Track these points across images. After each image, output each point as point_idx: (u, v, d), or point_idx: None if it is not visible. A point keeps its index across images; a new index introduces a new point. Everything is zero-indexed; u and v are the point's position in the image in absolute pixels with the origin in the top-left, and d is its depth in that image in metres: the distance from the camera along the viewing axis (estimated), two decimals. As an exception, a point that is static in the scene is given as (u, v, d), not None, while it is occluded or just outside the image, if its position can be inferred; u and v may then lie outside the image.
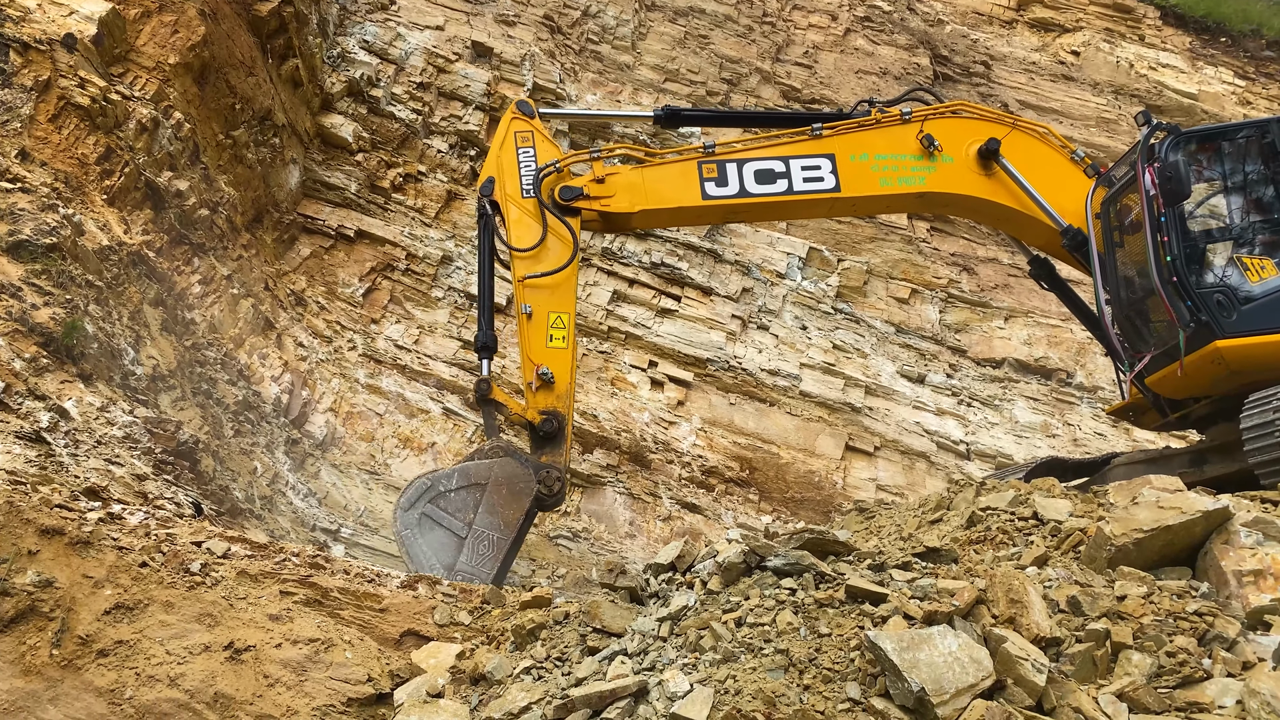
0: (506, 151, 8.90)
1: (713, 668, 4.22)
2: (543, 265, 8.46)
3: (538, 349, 8.30)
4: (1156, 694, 4.05)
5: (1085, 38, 19.01)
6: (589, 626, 4.97)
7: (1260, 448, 6.81)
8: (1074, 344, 14.78)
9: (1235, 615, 4.77)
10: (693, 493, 12.32)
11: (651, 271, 13.77)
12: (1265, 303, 7.48)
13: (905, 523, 7.40)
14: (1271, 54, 20.50)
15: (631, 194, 8.73)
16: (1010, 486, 6.69)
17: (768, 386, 13.49)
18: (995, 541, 5.86)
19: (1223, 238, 7.98)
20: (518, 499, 7.89)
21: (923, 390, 14.27)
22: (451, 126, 13.69)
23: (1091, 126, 17.33)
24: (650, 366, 13.21)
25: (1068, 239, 8.77)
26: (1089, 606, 4.61)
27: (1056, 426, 14.20)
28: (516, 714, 4.43)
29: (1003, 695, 3.94)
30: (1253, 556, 5.01)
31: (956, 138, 8.99)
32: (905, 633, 4.02)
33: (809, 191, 8.80)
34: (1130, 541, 5.22)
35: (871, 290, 15.06)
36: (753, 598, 4.67)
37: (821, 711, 3.87)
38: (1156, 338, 8.17)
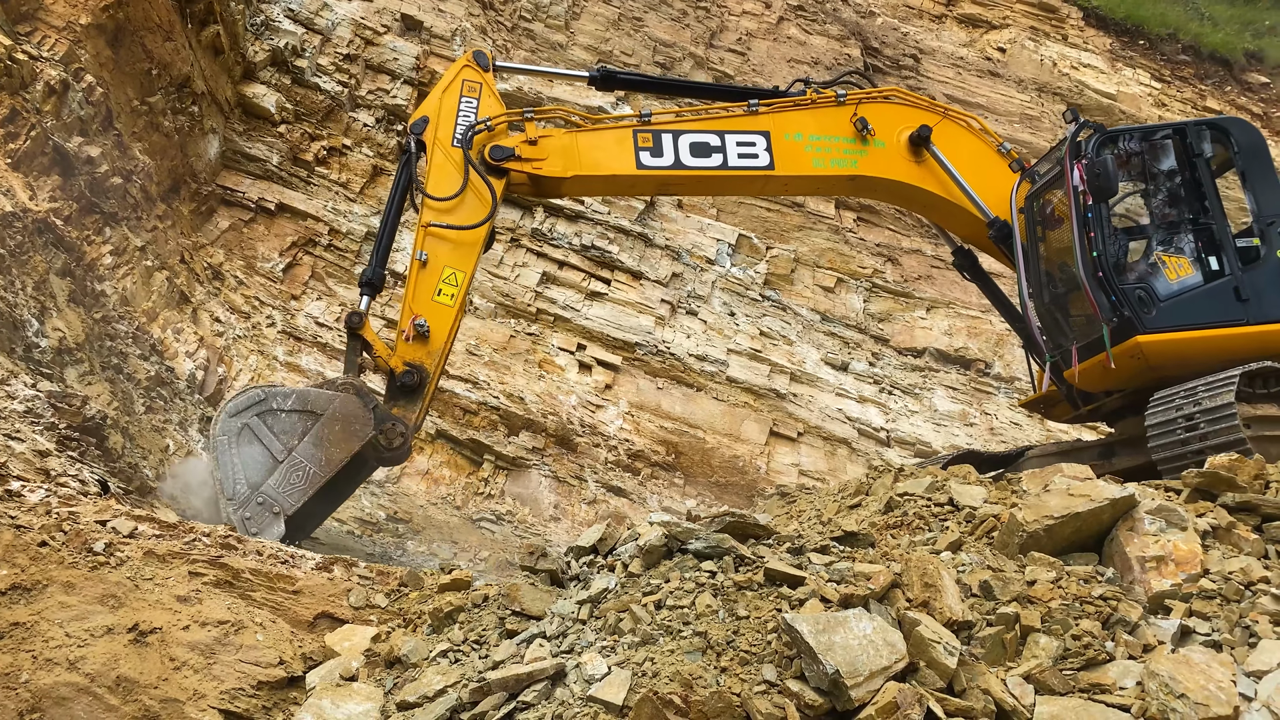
0: (449, 96, 8.62)
1: (631, 650, 4.22)
2: (455, 218, 8.19)
3: (422, 299, 8.00)
4: (1061, 676, 4.15)
5: (1011, 35, 19.40)
6: (508, 609, 4.92)
7: (1163, 444, 7.07)
8: (993, 335, 15.14)
9: (1138, 600, 4.92)
10: (618, 476, 12.32)
11: (581, 254, 13.69)
12: (1182, 300, 7.73)
13: (825, 507, 7.50)
14: (1187, 58, 21.19)
15: (564, 158, 8.58)
16: (928, 473, 6.82)
17: (695, 372, 13.54)
18: (912, 527, 5.96)
19: (1144, 235, 8.23)
20: (348, 440, 7.47)
21: (846, 378, 14.48)
22: (379, 100, 13.41)
23: (1015, 122, 17.72)
24: (579, 350, 13.15)
25: (994, 230, 8.92)
26: (1000, 591, 4.72)
27: (974, 415, 14.53)
28: (431, 697, 4.37)
29: (915, 677, 4.01)
30: (1155, 543, 5.17)
31: (889, 123, 9.07)
32: (821, 615, 4.06)
33: (743, 168, 8.78)
34: (1041, 528, 5.34)
35: (798, 278, 15.21)
36: (673, 580, 4.67)
37: (738, 693, 3.89)
38: (1077, 331, 8.38)
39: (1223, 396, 6.77)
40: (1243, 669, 4.28)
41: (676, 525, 4.99)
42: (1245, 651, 4.43)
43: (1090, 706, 3.95)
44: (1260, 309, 7.60)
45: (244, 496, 7.24)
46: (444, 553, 9.71)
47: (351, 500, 10.58)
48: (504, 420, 11.88)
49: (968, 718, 3.88)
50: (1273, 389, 7.22)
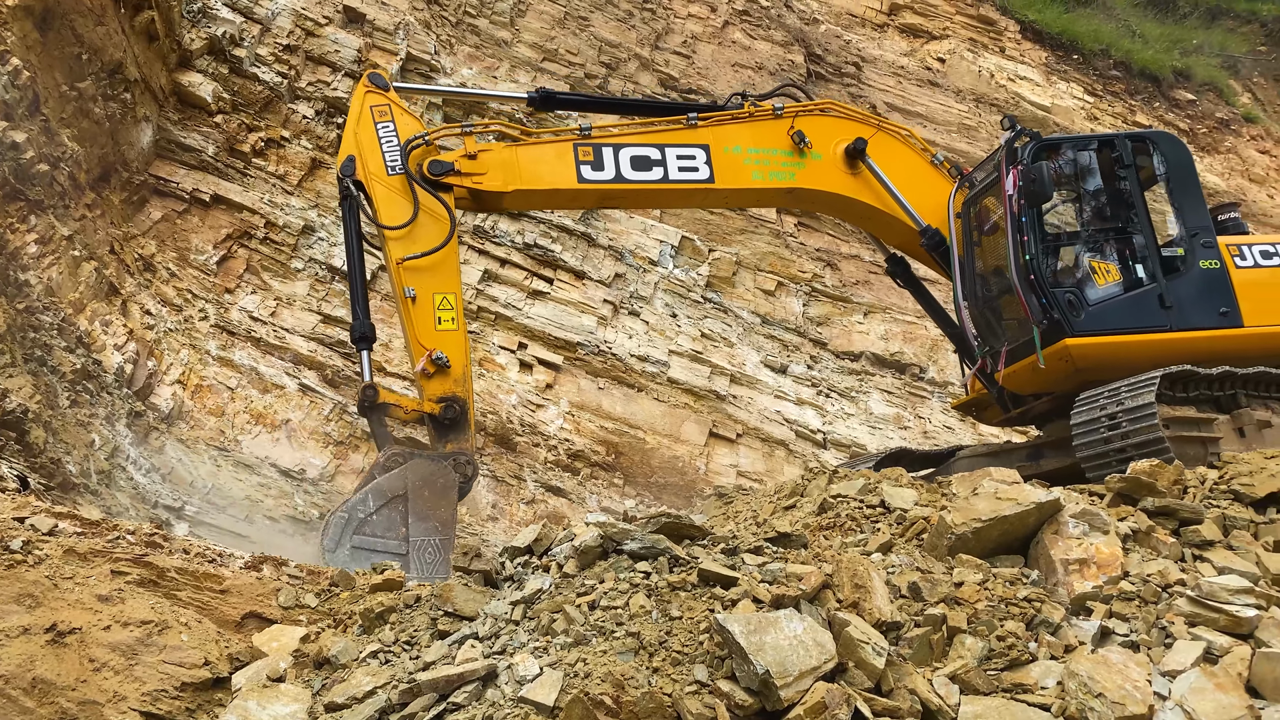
0: (365, 127, 8.44)
1: (564, 651, 4.21)
2: (420, 245, 8.05)
3: (426, 333, 7.89)
4: (986, 676, 4.25)
5: (951, 46, 19.76)
6: (440, 610, 4.88)
7: (1087, 444, 7.27)
8: (927, 340, 15.41)
9: (1061, 601, 5.04)
10: (558, 476, 12.29)
11: (524, 252, 13.63)
12: (1109, 305, 7.97)
13: (761, 508, 7.58)
14: (1118, 74, 21.78)
15: (505, 172, 8.52)
16: (861, 475, 6.92)
17: (636, 372, 13.56)
18: (844, 528, 6.05)
19: (1074, 241, 8.46)
20: (445, 494, 7.50)
21: (784, 380, 14.62)
22: (319, 92, 13.20)
23: (953, 132, 18.05)
24: (520, 348, 13.09)
25: (926, 239, 9.09)
26: (928, 592, 4.80)
27: (908, 418, 14.77)
28: (360, 698, 4.31)
29: (844, 677, 4.06)
30: (1079, 546, 5.30)
31: (825, 135, 9.18)
32: (753, 616, 4.09)
33: (684, 181, 8.82)
34: (969, 530, 5.45)
35: (740, 281, 15.31)
36: (608, 581, 4.67)
37: (669, 694, 3.90)
38: (1008, 334, 8.58)
39: (1144, 396, 6.98)
40: (1158, 668, 4.41)
41: (612, 526, 4.99)
42: (1161, 652, 4.57)
43: (1012, 706, 4.04)
44: (1182, 316, 7.86)
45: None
46: (379, 552, 9.58)
47: (285, 499, 10.42)
48: (442, 419, 11.77)
49: (894, 717, 3.94)
50: (1191, 393, 7.49)
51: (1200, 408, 7.42)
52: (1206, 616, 4.73)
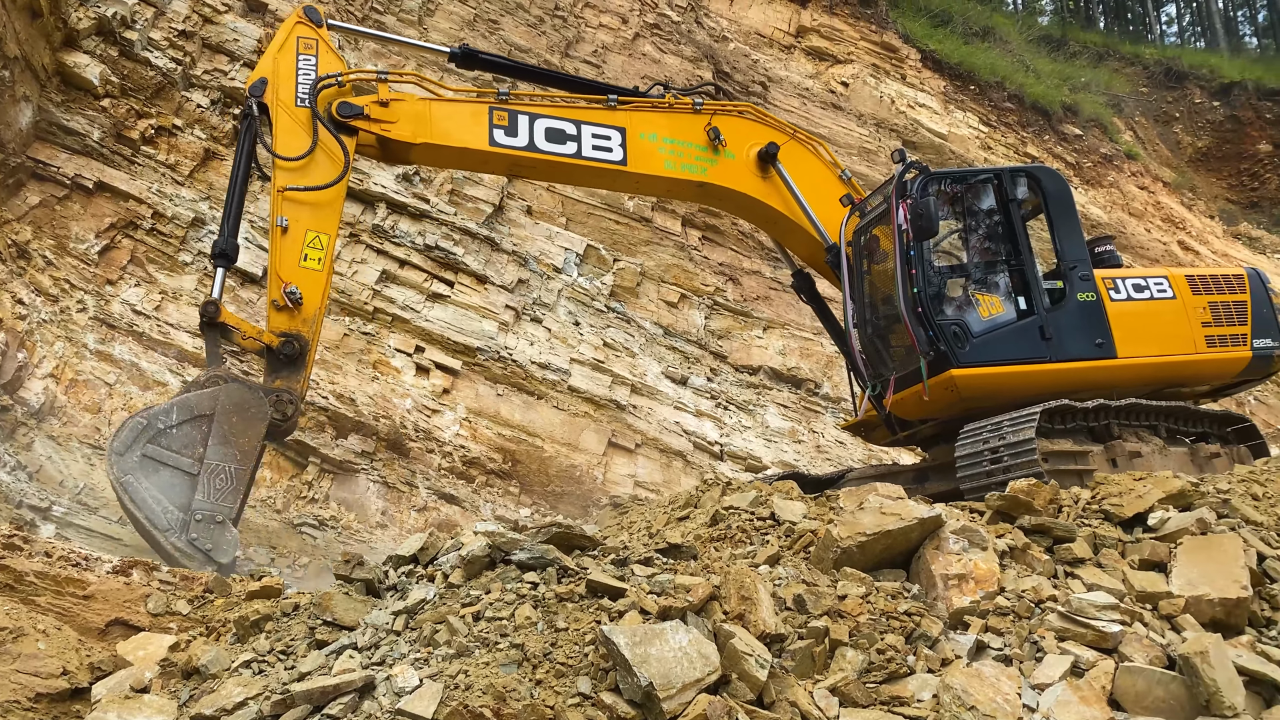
0: (286, 54, 8.31)
1: (445, 662, 4.12)
2: (309, 179, 7.95)
3: (289, 266, 7.77)
4: (865, 688, 4.31)
5: (855, 71, 20.25)
6: (319, 619, 4.73)
7: (970, 474, 7.50)
8: (824, 357, 15.71)
9: (939, 615, 5.16)
10: (452, 483, 12.10)
11: (425, 254, 13.40)
12: (993, 336, 8.21)
13: (655, 519, 7.58)
14: (1011, 106, 22.66)
15: (416, 124, 8.39)
16: (753, 487, 6.98)
17: (537, 379, 13.46)
18: (735, 540, 6.09)
19: (960, 273, 8.70)
20: (252, 425, 7.26)
21: (684, 392, 14.71)
22: (215, 81, 12.77)
23: (854, 154, 18.48)
24: (417, 352, 12.85)
25: (831, 255, 9.26)
26: (813, 605, 4.86)
27: (803, 433, 15.02)
28: (231, 710, 4.14)
29: (727, 689, 4.07)
30: (958, 561, 5.45)
31: (740, 136, 9.32)
32: (639, 627, 4.08)
33: (596, 159, 8.82)
34: (855, 544, 5.54)
35: (644, 292, 15.37)
36: (494, 591, 4.60)
37: (551, 706, 3.85)
38: (896, 362, 8.78)
39: (1025, 432, 7.22)
40: (1029, 682, 4.56)
41: (501, 535, 4.93)
42: (1032, 665, 4.72)
43: (889, 718, 4.12)
44: (1062, 348, 8.16)
45: (180, 522, 6.89)
46: (260, 558, 9.28)
47: (162, 500, 9.98)
48: (332, 422, 11.48)
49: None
50: (1069, 424, 7.78)
51: (1076, 439, 7.70)
52: (1075, 631, 4.90)
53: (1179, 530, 5.84)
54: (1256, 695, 4.59)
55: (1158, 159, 27.28)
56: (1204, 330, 8.66)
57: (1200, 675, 4.36)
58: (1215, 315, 8.75)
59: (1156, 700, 4.43)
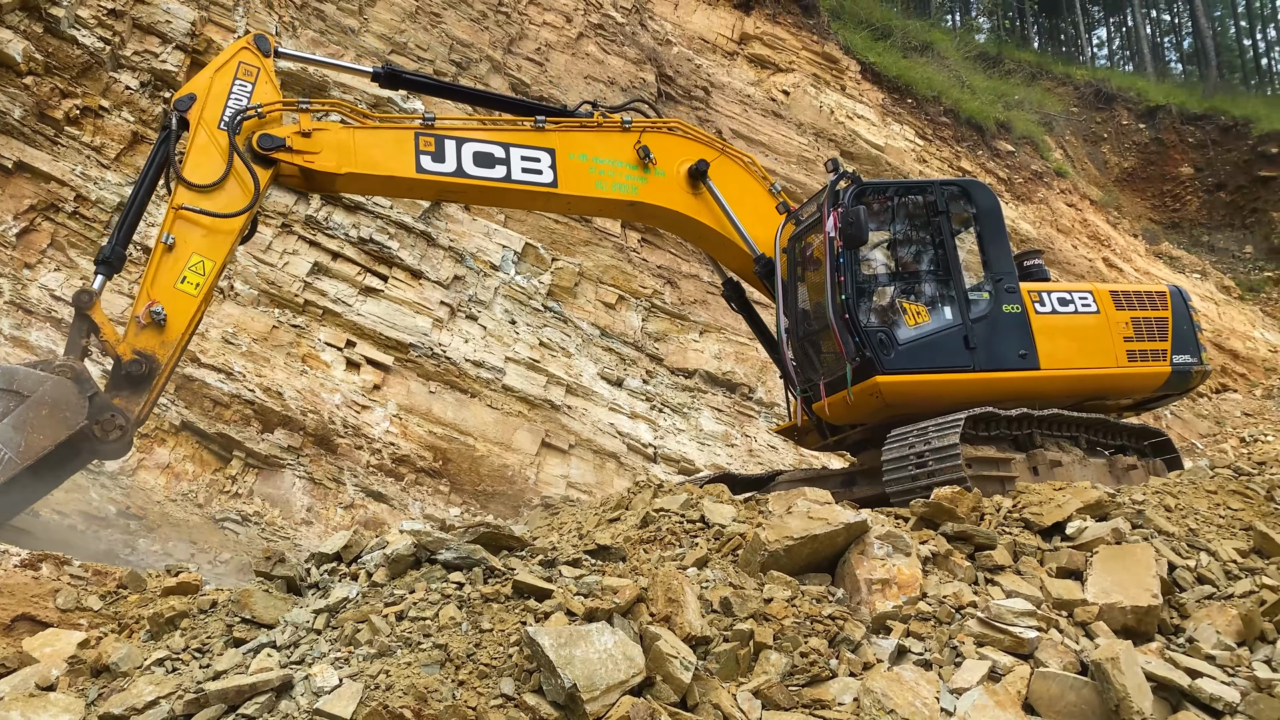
0: (223, 76, 8.11)
1: (366, 662, 4.05)
2: (211, 204, 7.72)
3: (162, 285, 7.45)
4: (788, 691, 4.35)
5: (796, 80, 20.47)
6: (238, 616, 4.62)
7: (896, 478, 7.62)
8: (758, 362, 15.83)
9: (862, 619, 5.23)
10: (380, 481, 11.93)
11: (359, 247, 13.20)
12: (918, 345, 8.35)
13: (586, 520, 7.56)
14: (947, 120, 23.11)
15: (340, 154, 8.25)
16: (684, 490, 7.00)
17: (470, 377, 13.33)
18: (664, 542, 6.09)
19: (889, 282, 8.84)
20: (54, 427, 6.76)
21: (620, 393, 14.71)
22: (146, 63, 12.42)
23: (793, 163, 18.67)
24: (348, 346, 12.64)
25: (759, 266, 9.33)
26: (739, 608, 4.89)
27: (736, 437, 15.12)
28: (141, 709, 4.02)
29: (651, 691, 4.07)
30: (882, 566, 5.52)
31: (670, 154, 9.32)
32: (564, 629, 4.05)
33: (526, 182, 8.76)
34: (782, 548, 5.59)
35: (581, 292, 15.33)
36: (418, 591, 4.54)
37: (474, 708, 3.81)
38: (825, 367, 8.89)
39: (949, 437, 7.36)
40: (947, 686, 4.63)
41: (427, 535, 4.86)
42: (951, 670, 4.81)
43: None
44: (986, 357, 8.33)
45: None
46: (180, 553, 9.03)
47: (79, 492, 9.68)
48: (259, 415, 11.23)
49: (697, 732, 3.98)
50: (993, 432, 7.96)
51: (1000, 447, 7.88)
52: (993, 637, 5.01)
53: (1095, 539, 6.00)
54: (1164, 700, 4.73)
55: (1086, 177, 28.06)
56: (1126, 345, 8.91)
57: (1111, 681, 4.48)
58: (1137, 331, 9.02)
59: (1069, 705, 4.55)
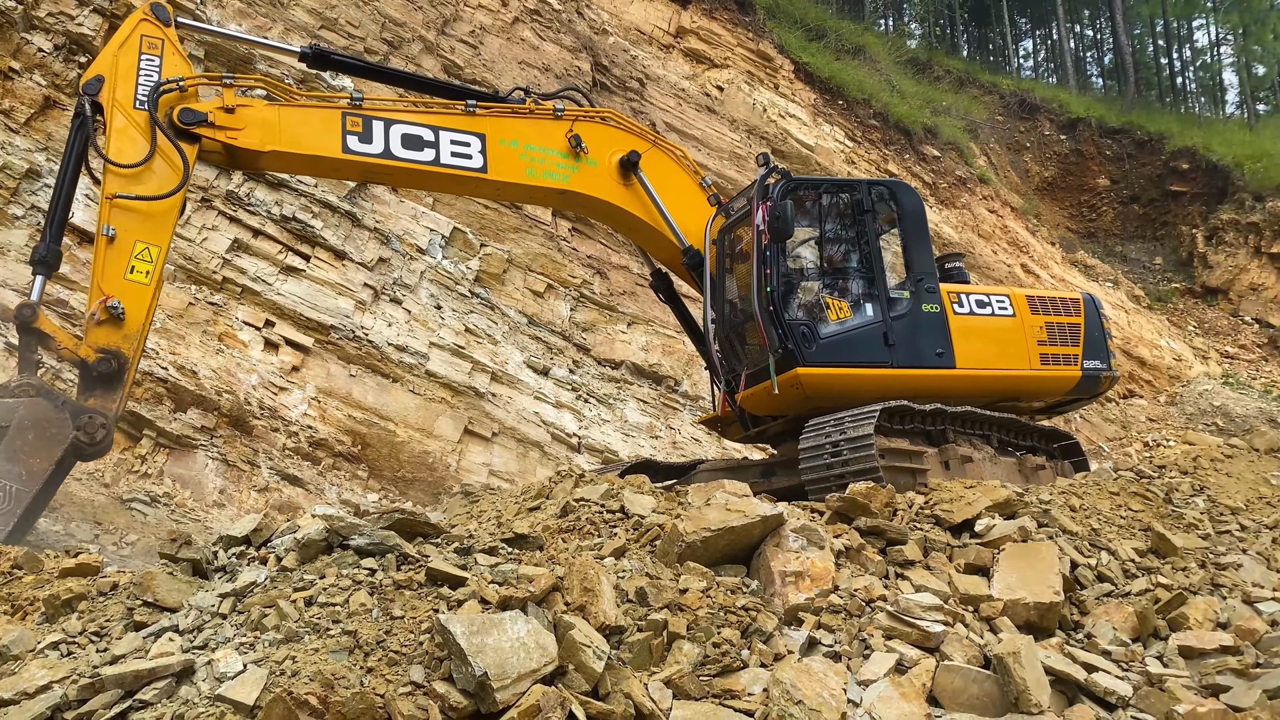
0: (127, 53, 7.81)
1: (272, 648, 3.97)
2: (143, 188, 7.50)
3: (113, 278, 7.28)
4: (699, 681, 4.38)
5: (730, 76, 20.58)
6: (139, 599, 4.49)
7: (811, 467, 7.75)
8: (685, 355, 15.91)
9: (775, 611, 5.30)
10: (296, 465, 11.69)
11: (281, 224, 12.89)
12: (839, 340, 8.50)
13: (506, 509, 7.52)
14: (876, 123, 23.47)
15: (264, 131, 8.04)
16: (605, 480, 7.01)
17: (393, 362, 13.14)
18: (583, 531, 6.09)
19: (813, 278, 8.97)
20: (47, 446, 6.74)
21: (545, 382, 14.65)
22: (60, 25, 11.94)
23: (725, 159, 18.78)
24: (266, 326, 12.34)
25: (687, 258, 9.38)
26: (654, 598, 4.91)
27: (660, 429, 15.19)
28: (32, 693, 3.88)
29: (563, 680, 4.07)
30: (796, 559, 5.61)
31: (602, 144, 9.29)
32: (477, 617, 4.03)
33: (455, 167, 8.66)
34: (699, 539, 5.63)
35: (510, 279, 15.21)
36: (329, 577, 4.47)
37: (381, 695, 3.76)
38: (750, 359, 8.99)
39: (864, 428, 7.51)
40: (855, 678, 4.72)
41: (340, 519, 4.78)
42: (860, 662, 4.90)
43: (720, 711, 4.19)
44: (904, 355, 8.52)
45: None
46: (83, 534, 8.74)
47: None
48: (171, 394, 10.92)
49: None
50: (907, 426, 8.13)
51: (913, 440, 8.07)
52: (901, 630, 5.12)
53: (1002, 537, 6.17)
54: (1061, 694, 4.89)
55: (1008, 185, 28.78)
56: (1039, 348, 9.18)
57: (1012, 674, 4.62)
58: (1051, 335, 9.29)
59: (971, 698, 4.67)
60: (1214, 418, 22.12)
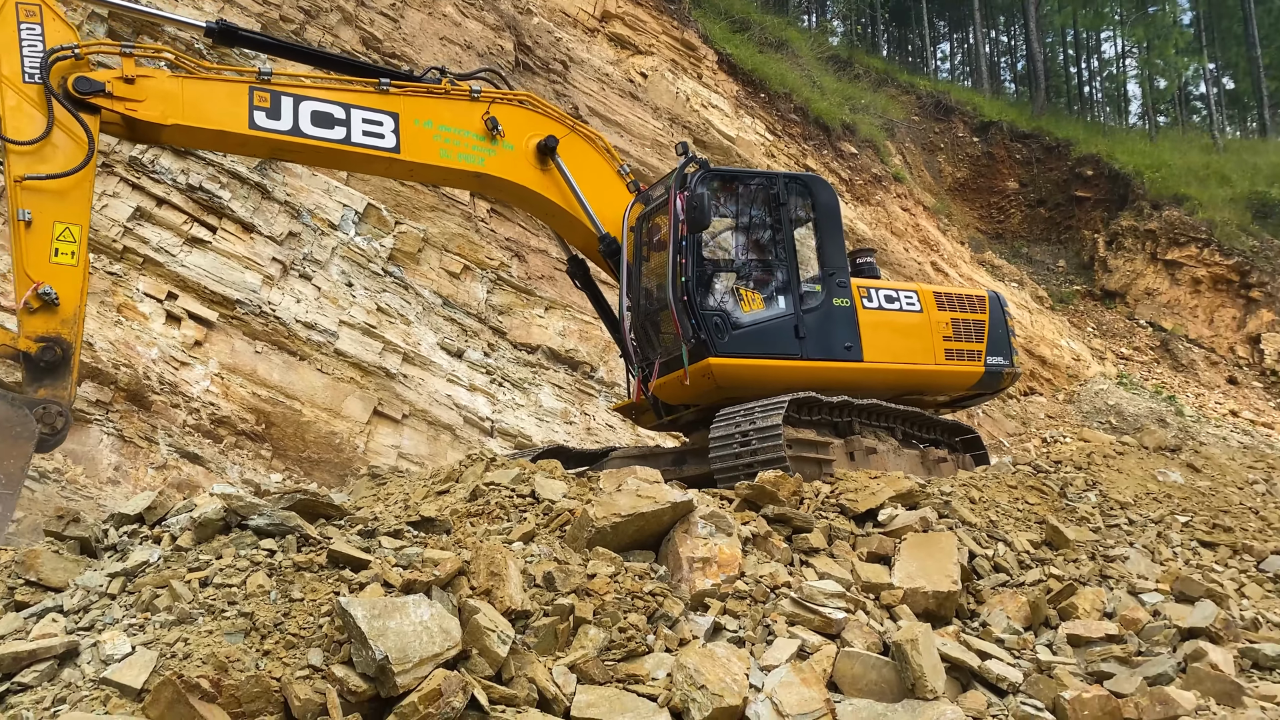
0: (4, 24, 7.39)
1: (163, 630, 3.85)
2: (49, 165, 7.09)
3: (38, 264, 6.94)
4: (603, 666, 4.40)
5: (654, 64, 20.58)
6: (21, 578, 4.30)
7: (720, 456, 7.84)
8: (602, 341, 15.89)
9: (682, 597, 5.35)
10: (197, 442, 11.34)
11: (187, 194, 12.44)
12: (751, 331, 8.59)
13: (414, 492, 7.42)
14: (796, 118, 23.76)
15: (166, 103, 7.69)
16: (517, 464, 6.97)
17: (301, 339, 12.83)
18: (492, 516, 6.05)
19: (728, 269, 9.04)
20: (16, 445, 6.49)
21: (459, 365, 14.48)
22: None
23: (647, 146, 18.79)
24: (169, 298, 11.92)
25: (604, 246, 9.34)
26: (562, 583, 4.90)
27: (575, 415, 15.16)
28: (-99, 677, 3.69)
29: (466, 665, 4.04)
30: (704, 545, 5.66)
31: (519, 127, 9.15)
32: (379, 600, 3.96)
33: (367, 146, 8.43)
34: (609, 524, 5.65)
35: (425, 259, 14.97)
36: (226, 557, 4.35)
37: (278, 678, 3.68)
38: (664, 348, 9.03)
39: (773, 418, 7.62)
40: (758, 663, 4.79)
41: (239, 499, 4.65)
42: (763, 648, 4.98)
43: (623, 696, 4.21)
44: (814, 347, 8.66)
45: None
46: (-37, 511, 8.33)
47: None
48: (66, 366, 10.47)
49: (511, 705, 3.97)
50: (815, 417, 8.27)
51: (820, 431, 8.22)
52: (804, 617, 5.22)
53: (905, 527, 6.33)
54: (956, 680, 5.05)
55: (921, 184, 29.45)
56: (944, 344, 9.42)
57: (909, 661, 4.74)
58: (956, 331, 9.54)
59: (870, 683, 4.78)
60: (1108, 416, 23.05)
